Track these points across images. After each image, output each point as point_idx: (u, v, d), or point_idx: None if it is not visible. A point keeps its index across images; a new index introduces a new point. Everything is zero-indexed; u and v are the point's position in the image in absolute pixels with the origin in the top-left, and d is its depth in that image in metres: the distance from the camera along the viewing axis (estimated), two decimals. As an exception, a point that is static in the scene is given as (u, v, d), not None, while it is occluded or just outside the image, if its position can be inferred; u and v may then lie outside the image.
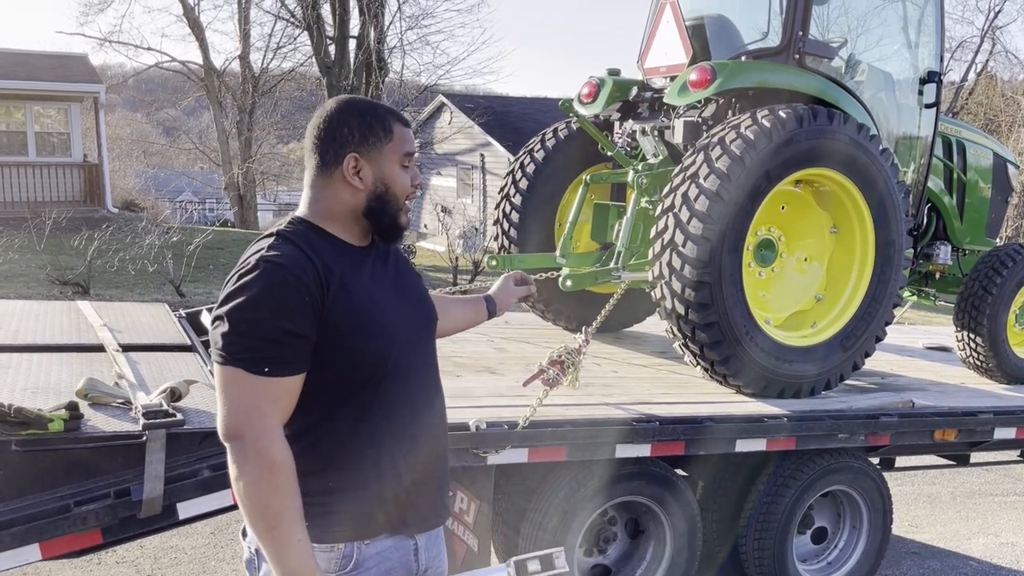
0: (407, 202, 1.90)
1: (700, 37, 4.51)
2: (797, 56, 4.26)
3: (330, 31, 18.94)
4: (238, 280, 1.70)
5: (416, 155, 1.94)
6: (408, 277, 2.02)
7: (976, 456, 5.21)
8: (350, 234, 1.87)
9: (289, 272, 1.70)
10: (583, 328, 3.56)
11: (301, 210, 1.88)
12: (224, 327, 1.68)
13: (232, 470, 1.69)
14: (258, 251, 1.75)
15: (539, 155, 5.07)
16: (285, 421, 1.74)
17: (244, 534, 1.90)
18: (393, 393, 1.84)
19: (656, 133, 4.63)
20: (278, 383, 1.69)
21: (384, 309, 1.84)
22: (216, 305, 1.73)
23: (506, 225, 5.11)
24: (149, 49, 24.31)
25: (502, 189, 5.18)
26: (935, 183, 5.23)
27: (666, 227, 3.86)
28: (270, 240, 1.79)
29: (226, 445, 1.69)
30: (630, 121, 4.74)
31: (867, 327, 4.22)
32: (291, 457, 1.70)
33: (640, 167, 4.64)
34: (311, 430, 1.79)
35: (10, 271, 12.12)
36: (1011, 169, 5.80)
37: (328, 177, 1.84)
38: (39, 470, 2.65)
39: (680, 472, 3.93)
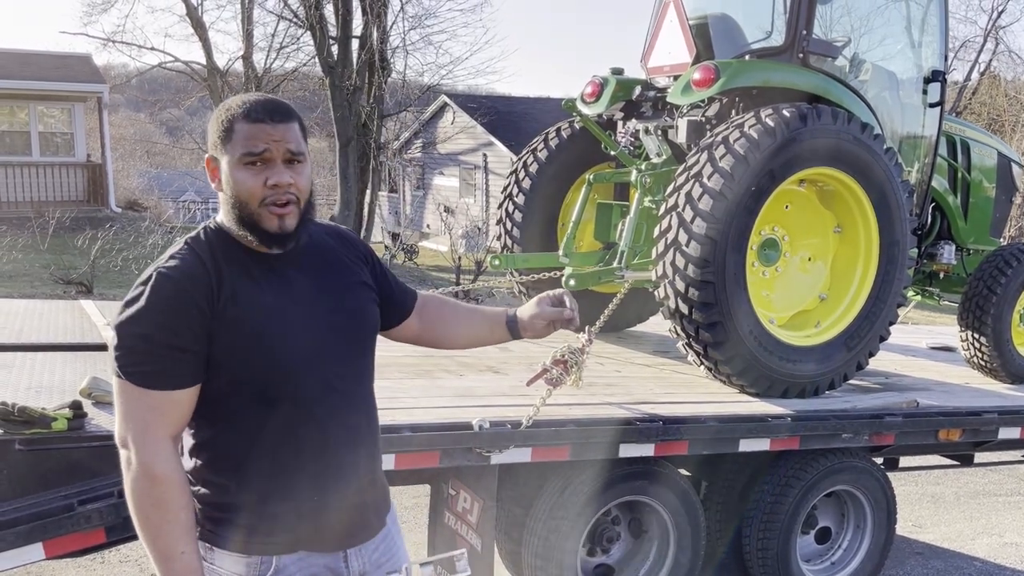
0: (276, 207, 1.72)
1: (704, 36, 4.50)
2: (801, 55, 4.26)
3: (333, 31, 18.92)
4: (133, 292, 1.69)
5: (263, 152, 1.71)
6: (336, 284, 1.88)
7: (980, 456, 5.20)
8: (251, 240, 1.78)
9: (177, 284, 1.67)
10: (586, 328, 3.54)
11: (219, 214, 1.82)
12: (116, 339, 1.67)
13: (125, 480, 1.69)
14: (157, 262, 1.73)
15: (542, 154, 5.07)
16: (176, 433, 1.72)
17: None
18: (295, 410, 1.75)
19: (660, 132, 4.63)
20: (164, 396, 1.67)
21: (283, 322, 1.75)
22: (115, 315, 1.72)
23: (509, 225, 5.10)
24: (152, 49, 24.25)
25: (505, 189, 5.18)
26: (939, 182, 5.22)
27: (669, 226, 3.86)
28: (174, 249, 1.76)
29: (121, 451, 1.70)
30: (633, 120, 4.74)
31: (871, 327, 4.21)
32: (176, 471, 1.68)
33: (643, 166, 4.64)
34: (212, 441, 1.76)
35: (14, 271, 12.15)
36: (1015, 168, 5.79)
37: (211, 181, 1.80)
38: (43, 469, 2.65)
39: (683, 472, 3.92)
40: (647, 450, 3.49)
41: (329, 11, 18.97)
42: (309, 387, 1.77)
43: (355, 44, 19.11)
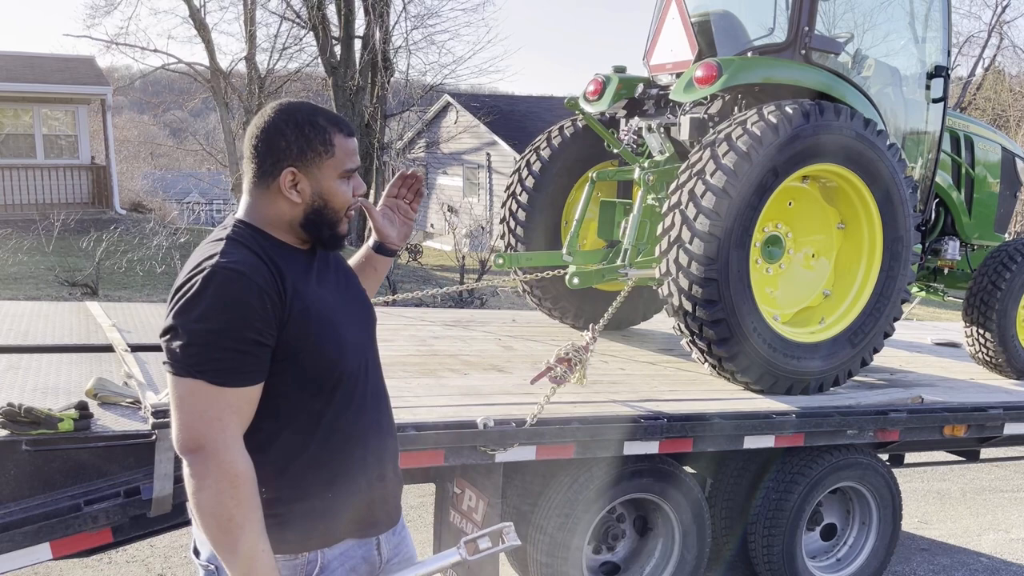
0: (350, 212, 1.85)
1: (706, 33, 4.50)
2: (803, 52, 4.25)
3: (336, 31, 18.96)
4: (194, 288, 1.63)
5: (359, 168, 1.85)
6: (349, 279, 1.99)
7: (986, 452, 5.19)
8: (291, 238, 1.82)
9: (249, 278, 1.65)
10: (590, 326, 3.56)
11: (241, 213, 1.81)
12: (183, 339, 1.62)
13: (190, 484, 1.63)
14: (211, 256, 1.68)
15: (545, 153, 5.07)
16: (245, 431, 1.70)
17: (196, 553, 1.86)
18: (345, 399, 1.80)
19: (662, 130, 4.63)
20: (240, 393, 1.65)
21: (334, 313, 1.81)
22: (168, 314, 1.66)
23: (512, 223, 5.11)
24: (155, 51, 24.36)
25: (508, 187, 5.18)
26: (943, 178, 5.21)
27: (673, 224, 3.86)
28: (221, 245, 1.71)
29: (184, 458, 1.65)
30: (636, 118, 4.74)
31: (875, 323, 4.21)
32: (252, 468, 1.66)
33: (646, 164, 4.64)
34: (268, 440, 1.74)
35: (19, 273, 12.19)
36: (1020, 164, 5.77)
37: (266, 188, 1.78)
38: (49, 470, 2.66)
39: (688, 469, 3.92)
40: (652, 448, 3.49)
41: (332, 12, 19.01)
42: (355, 376, 1.84)
43: (358, 44, 19.14)
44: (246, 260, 1.68)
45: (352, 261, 2.19)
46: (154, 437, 2.72)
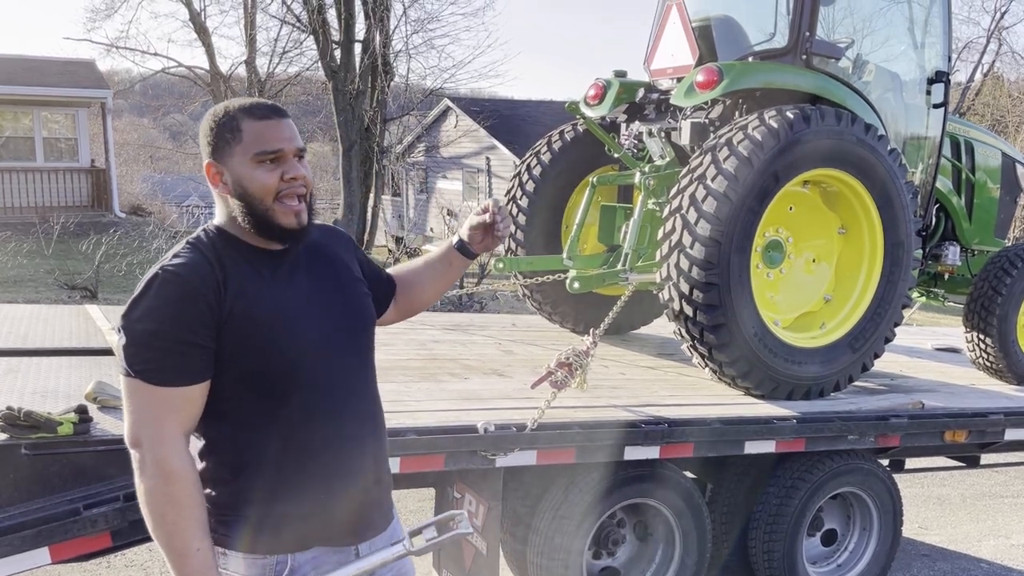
0: (290, 200, 1.77)
1: (707, 38, 4.50)
2: (804, 57, 4.25)
3: (336, 35, 18.96)
4: (138, 290, 1.70)
5: (280, 150, 1.76)
6: (337, 282, 1.93)
7: (987, 458, 5.18)
8: (257, 239, 1.81)
9: (185, 281, 1.69)
10: (591, 330, 3.56)
11: (215, 218, 1.85)
12: (124, 338, 1.68)
13: (135, 478, 1.70)
14: (161, 261, 1.75)
15: (546, 157, 5.07)
16: (188, 430, 1.73)
17: None
18: (304, 404, 1.78)
19: (663, 134, 4.63)
20: (176, 393, 1.68)
21: (291, 317, 1.78)
22: (121, 314, 1.72)
23: (513, 227, 5.10)
24: (156, 54, 24.32)
25: (509, 191, 5.18)
26: (943, 183, 5.21)
27: (673, 228, 3.85)
28: (177, 248, 1.78)
29: (133, 452, 1.70)
30: (637, 123, 4.74)
31: (876, 328, 4.20)
32: (190, 468, 1.69)
33: (647, 169, 4.64)
34: (222, 441, 1.77)
35: (18, 276, 12.18)
36: (1020, 169, 5.77)
37: (212, 186, 1.82)
38: (49, 473, 2.65)
39: (689, 474, 3.91)
40: (652, 452, 3.48)
41: (332, 15, 19.02)
42: (317, 381, 1.80)
43: (358, 48, 19.15)
44: (191, 262, 1.73)
45: (430, 256, 2.22)
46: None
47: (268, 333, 1.74)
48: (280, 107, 1.84)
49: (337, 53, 18.94)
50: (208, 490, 1.77)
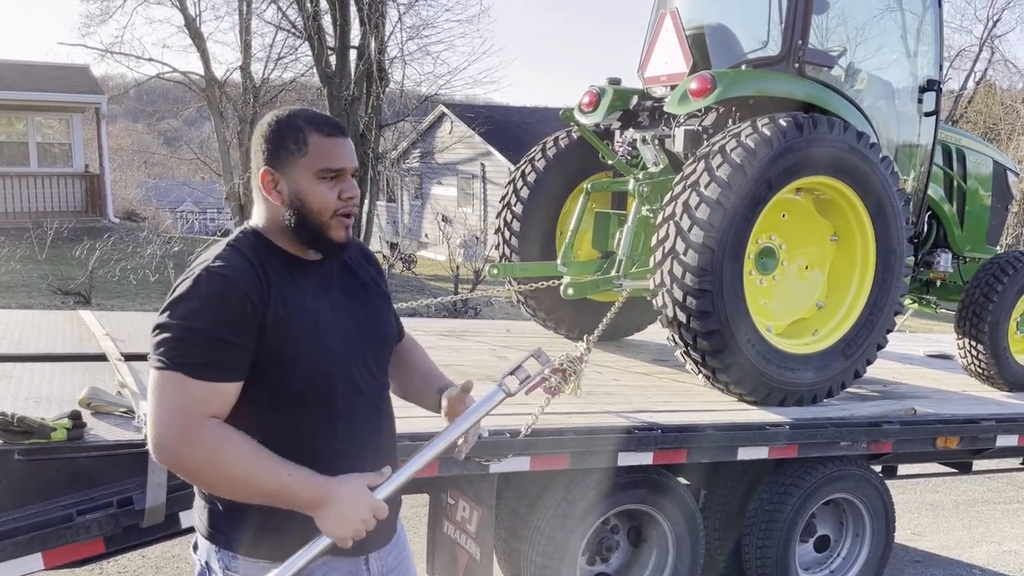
0: (345, 218, 1.81)
1: (700, 46, 4.53)
2: (797, 65, 4.28)
3: (331, 42, 18.97)
4: (181, 289, 1.71)
5: (343, 169, 1.80)
6: (365, 295, 1.96)
7: (979, 464, 5.20)
8: (296, 247, 1.83)
9: (231, 282, 1.70)
10: (585, 336, 3.56)
11: (252, 221, 1.86)
12: (165, 334, 1.68)
13: (186, 476, 1.72)
14: (204, 261, 1.76)
15: (540, 164, 5.09)
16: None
17: (195, 548, 1.88)
18: (327, 412, 1.80)
19: (657, 142, 4.65)
20: (211, 388, 1.69)
21: (322, 327, 1.80)
22: (159, 312, 1.72)
23: (507, 234, 5.12)
24: (150, 60, 24.15)
25: (503, 198, 5.20)
26: (935, 191, 5.24)
27: (667, 235, 3.87)
28: (218, 250, 1.78)
29: (159, 452, 1.69)
30: (631, 130, 4.76)
31: (868, 335, 4.22)
32: (222, 426, 1.69)
33: (641, 176, 4.66)
34: None
35: (12, 281, 12.14)
36: (1011, 177, 5.81)
37: (258, 192, 1.82)
38: (42, 479, 2.64)
39: (682, 480, 3.92)
40: (646, 459, 3.49)
41: (327, 22, 19.04)
42: (342, 391, 1.82)
43: (353, 54, 19.15)
44: (233, 265, 1.73)
45: (430, 371, 2.18)
46: (147, 447, 2.71)
47: (299, 343, 1.76)
48: (343, 125, 1.87)
49: (332, 59, 18.95)
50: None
